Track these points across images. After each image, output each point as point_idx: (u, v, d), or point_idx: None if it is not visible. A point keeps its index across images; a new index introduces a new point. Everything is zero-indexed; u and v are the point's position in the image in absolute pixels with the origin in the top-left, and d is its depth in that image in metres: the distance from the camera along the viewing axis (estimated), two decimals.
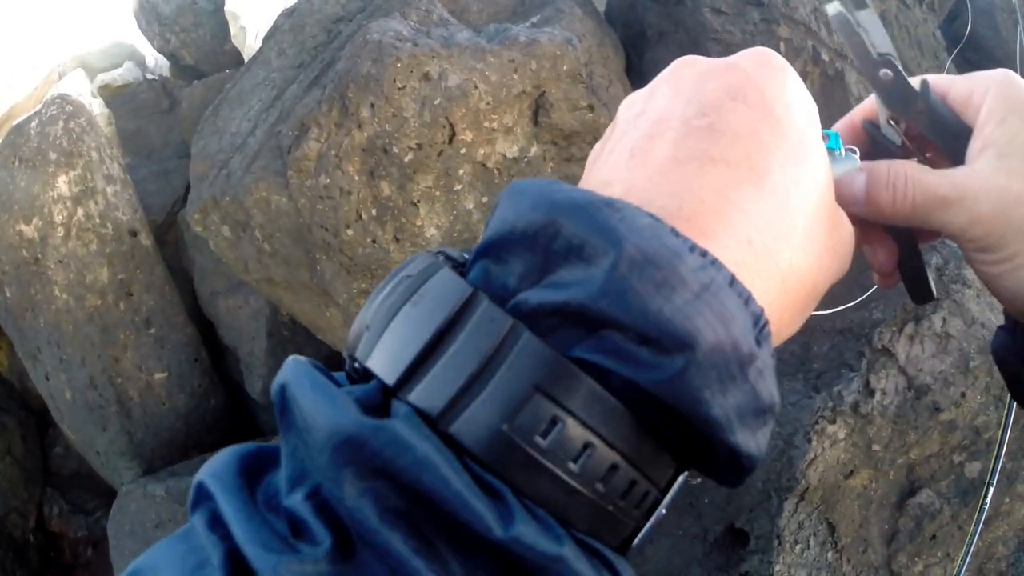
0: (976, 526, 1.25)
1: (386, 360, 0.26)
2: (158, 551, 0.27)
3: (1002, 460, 1.27)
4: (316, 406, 0.25)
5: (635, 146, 0.31)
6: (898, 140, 0.44)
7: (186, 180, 2.66)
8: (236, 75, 1.96)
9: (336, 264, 1.56)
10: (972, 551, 1.24)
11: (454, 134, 1.49)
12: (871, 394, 1.28)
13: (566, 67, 1.55)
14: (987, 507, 1.26)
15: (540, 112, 1.56)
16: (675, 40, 1.86)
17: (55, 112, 2.39)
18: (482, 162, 1.54)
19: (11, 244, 2.32)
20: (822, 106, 0.47)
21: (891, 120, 0.44)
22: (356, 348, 0.28)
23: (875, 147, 0.45)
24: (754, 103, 0.31)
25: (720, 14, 1.75)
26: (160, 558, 0.27)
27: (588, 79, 1.64)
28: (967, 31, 2.08)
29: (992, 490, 1.26)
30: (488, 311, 0.26)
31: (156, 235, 2.67)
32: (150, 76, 4.31)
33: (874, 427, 1.27)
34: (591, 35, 1.78)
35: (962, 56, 2.32)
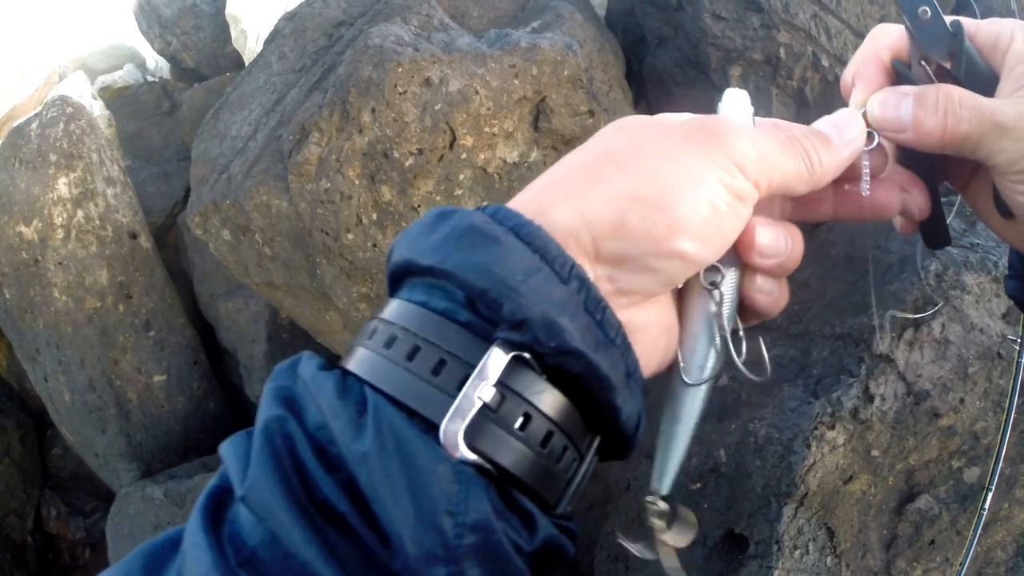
0: (975, 531, 1.26)
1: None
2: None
3: (1001, 465, 1.27)
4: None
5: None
6: (928, 81, 0.43)
7: (186, 183, 2.67)
8: (237, 78, 1.97)
9: (336, 268, 1.56)
10: (971, 556, 1.24)
11: (455, 139, 1.50)
12: (870, 400, 1.28)
13: (567, 72, 1.56)
14: (986, 512, 1.26)
15: (540, 117, 1.57)
16: (675, 46, 1.86)
17: (55, 114, 2.39)
18: (483, 167, 1.54)
19: (11, 245, 2.32)
20: (821, 111, 0.47)
21: (923, 60, 0.44)
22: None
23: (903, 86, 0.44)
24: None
25: (720, 20, 1.75)
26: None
27: (588, 84, 1.64)
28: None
29: (991, 495, 1.26)
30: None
31: (156, 237, 2.67)
32: (151, 78, 4.31)
33: (873, 433, 1.28)
34: (591, 40, 1.78)
35: None
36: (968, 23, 0.44)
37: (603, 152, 0.39)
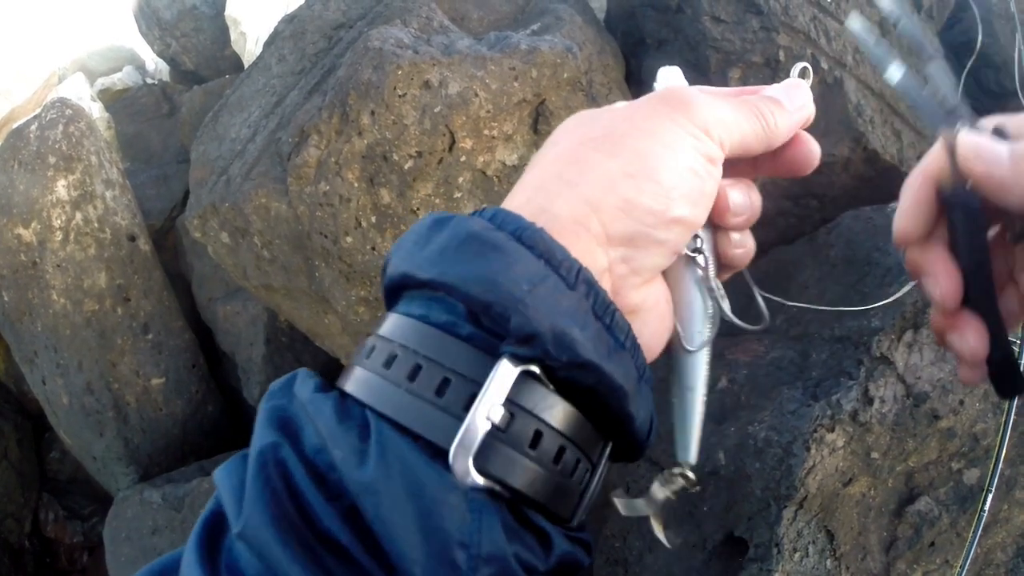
0: (975, 533, 1.25)
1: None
2: None
3: (1000, 467, 1.27)
4: None
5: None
6: (977, 200, 0.40)
7: (185, 185, 2.67)
8: (236, 81, 1.97)
9: (335, 271, 1.56)
10: (971, 558, 1.24)
11: (454, 142, 1.50)
12: (870, 402, 1.28)
13: (566, 75, 1.56)
14: (986, 514, 1.26)
15: (540, 120, 1.57)
16: (675, 48, 1.86)
17: (55, 116, 2.39)
18: (482, 170, 1.54)
19: (9, 248, 2.31)
20: (820, 113, 0.47)
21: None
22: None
23: (956, 211, 0.41)
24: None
25: (720, 22, 1.75)
26: None
27: (588, 87, 1.64)
28: (978, 44, 2.07)
29: (991, 497, 1.26)
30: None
31: (155, 240, 2.67)
32: (150, 80, 4.31)
33: (873, 435, 1.27)
34: (591, 43, 1.78)
35: (960, 63, 2.33)
36: (1012, 122, 0.41)
37: (581, 142, 0.39)
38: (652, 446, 0.38)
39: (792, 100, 0.44)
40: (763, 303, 0.46)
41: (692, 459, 0.42)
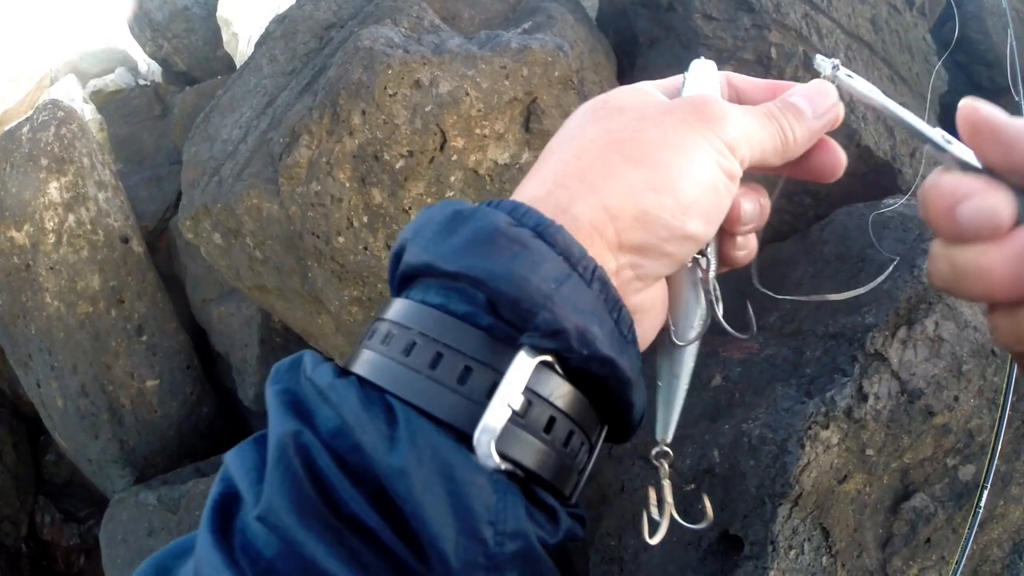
0: (971, 529, 1.25)
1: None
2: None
3: (996, 463, 1.27)
4: None
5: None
6: None
7: (178, 187, 2.65)
8: (228, 81, 1.96)
9: (327, 271, 1.55)
10: (967, 554, 1.24)
11: (445, 141, 1.49)
12: (864, 399, 1.27)
13: (557, 73, 1.55)
14: (981, 510, 1.26)
15: (531, 118, 1.56)
16: (666, 46, 1.86)
17: (47, 118, 2.38)
18: (474, 169, 1.53)
19: (2, 250, 2.30)
20: None
21: None
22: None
23: None
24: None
25: (711, 20, 1.75)
26: None
27: (580, 85, 1.63)
28: (955, 35, 2.09)
29: (986, 493, 1.26)
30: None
31: (148, 242, 2.66)
32: (142, 82, 4.30)
33: (867, 432, 1.27)
34: (583, 41, 1.78)
35: (952, 59, 2.33)
36: None
37: (609, 142, 0.40)
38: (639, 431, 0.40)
39: (817, 107, 0.44)
40: (753, 314, 0.48)
41: (670, 438, 0.45)
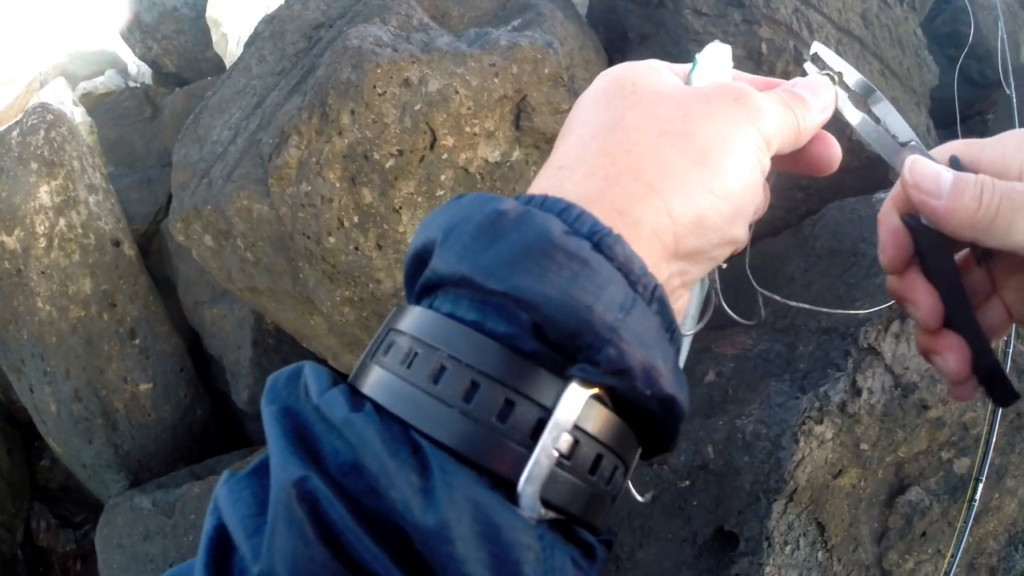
0: (966, 522, 1.25)
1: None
2: None
3: (991, 456, 1.27)
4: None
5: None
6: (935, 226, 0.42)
7: (169, 189, 2.64)
8: (217, 82, 1.95)
9: (319, 272, 1.54)
10: (963, 547, 1.24)
11: (435, 139, 1.48)
12: (858, 393, 1.27)
13: (547, 70, 1.55)
14: (976, 503, 1.26)
15: (522, 116, 1.56)
16: (657, 42, 1.85)
17: (36, 121, 2.36)
18: (464, 167, 1.53)
19: None
20: None
21: None
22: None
23: (920, 238, 0.42)
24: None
25: (701, 15, 1.75)
26: None
27: (570, 82, 1.63)
28: (969, 39, 2.09)
29: (981, 486, 1.26)
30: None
31: (139, 245, 2.65)
32: (132, 84, 4.28)
33: (862, 426, 1.27)
34: (572, 38, 1.77)
35: (944, 54, 2.33)
36: (971, 148, 0.42)
37: (660, 134, 0.36)
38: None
39: (819, 99, 0.43)
40: (763, 301, 0.49)
41: None
